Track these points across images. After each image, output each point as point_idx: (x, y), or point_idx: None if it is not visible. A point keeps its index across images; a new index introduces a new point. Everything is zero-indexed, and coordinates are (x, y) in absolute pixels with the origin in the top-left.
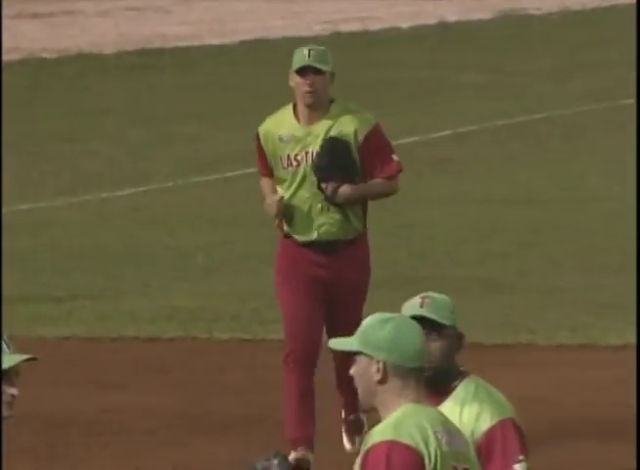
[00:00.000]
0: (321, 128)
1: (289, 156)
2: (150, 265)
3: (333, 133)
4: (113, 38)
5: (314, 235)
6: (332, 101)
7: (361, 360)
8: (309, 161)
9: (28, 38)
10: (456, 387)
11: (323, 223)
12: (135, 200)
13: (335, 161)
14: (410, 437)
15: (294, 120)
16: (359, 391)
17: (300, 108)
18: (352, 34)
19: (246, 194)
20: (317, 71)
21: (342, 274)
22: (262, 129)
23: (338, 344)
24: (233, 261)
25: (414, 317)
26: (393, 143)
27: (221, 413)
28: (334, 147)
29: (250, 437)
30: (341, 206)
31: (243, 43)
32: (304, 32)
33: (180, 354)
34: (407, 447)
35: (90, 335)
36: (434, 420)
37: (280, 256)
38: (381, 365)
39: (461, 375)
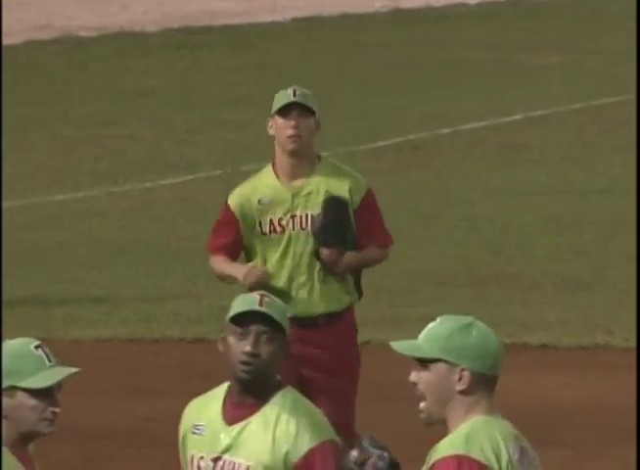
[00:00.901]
0: (309, 188)
1: (271, 220)
2: (197, 261)
3: (323, 192)
4: (155, 15)
5: (294, 309)
6: (318, 158)
7: (438, 368)
8: (297, 226)
9: (63, 15)
10: (273, 396)
11: (305, 296)
12: (181, 189)
13: (337, 223)
14: (482, 452)
15: (274, 180)
16: (429, 401)
17: (282, 162)
18: (415, 11)
19: None
20: (303, 113)
21: (322, 351)
22: (235, 198)
23: (407, 348)
24: None
25: (252, 314)
26: (460, 128)
27: None
28: (337, 207)
29: None
30: (338, 274)
31: (296, 21)
32: (364, 9)
33: None
34: (478, 463)
35: (131, 337)
36: (506, 434)
37: None
38: (465, 374)
39: (280, 385)
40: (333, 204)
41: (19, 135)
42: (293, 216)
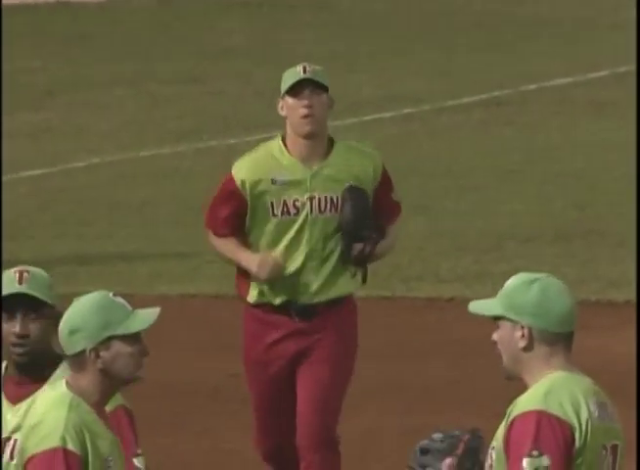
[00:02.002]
0: (329, 170)
1: (285, 202)
2: None
3: (345, 174)
4: None
5: (298, 297)
6: (331, 139)
7: (504, 326)
8: (315, 209)
9: None
10: (54, 371)
11: (312, 283)
12: None
13: (363, 215)
14: (561, 408)
15: (290, 158)
16: (504, 358)
17: (294, 142)
18: None
19: (384, 140)
20: (316, 90)
21: (320, 341)
22: (242, 172)
23: (478, 307)
24: None
25: (13, 295)
26: (546, 84)
27: (357, 379)
28: (359, 198)
29: (388, 405)
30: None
31: None
32: None
33: None
34: (557, 419)
35: (217, 293)
36: (586, 390)
37: (248, 342)
38: (526, 331)
39: (60, 359)
40: (355, 195)
41: (104, 92)
42: (311, 198)
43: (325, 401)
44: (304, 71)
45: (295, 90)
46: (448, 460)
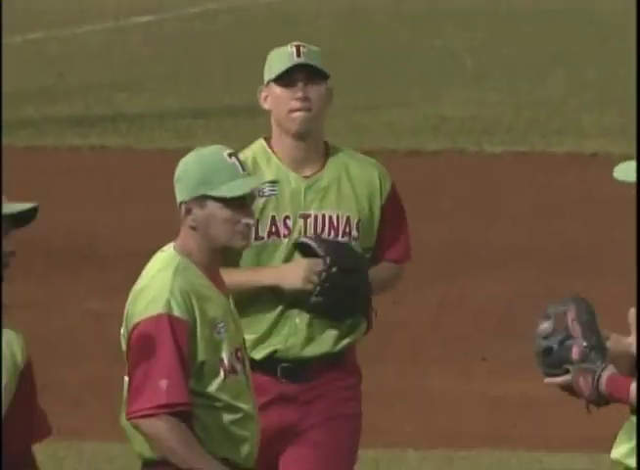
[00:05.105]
0: (327, 180)
1: (274, 219)
2: (413, 70)
3: (347, 185)
4: None
5: (285, 350)
6: (325, 144)
7: None
8: (309, 229)
9: None
10: None
11: (300, 329)
12: None
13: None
14: None
15: (279, 164)
16: None
17: (284, 146)
18: None
19: None
20: (312, 78)
21: (313, 413)
22: None
23: (623, 173)
24: (508, 65)
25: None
26: None
27: (493, 242)
28: (340, 254)
29: (525, 270)
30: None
31: None
32: None
33: (446, 171)
34: None
35: None
36: None
37: None
38: None
39: None
40: (332, 249)
41: None
42: (305, 217)
43: None
44: (298, 54)
45: (285, 78)
46: (574, 349)
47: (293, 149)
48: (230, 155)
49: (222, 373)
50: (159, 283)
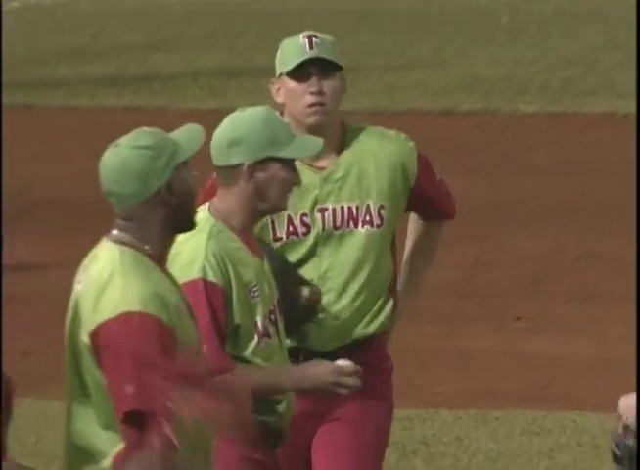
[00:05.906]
0: (343, 170)
1: (290, 218)
2: (445, 28)
3: (364, 171)
4: None
5: (307, 342)
6: (342, 124)
7: None
8: (327, 224)
9: None
10: None
11: (329, 321)
12: None
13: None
14: None
15: None
16: None
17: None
18: None
19: None
20: (326, 71)
21: (340, 406)
22: None
23: None
24: (544, 22)
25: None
26: None
27: (527, 200)
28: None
29: (565, 227)
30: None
31: None
32: None
33: (479, 131)
34: None
35: (375, 108)
36: None
37: None
38: None
39: None
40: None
41: None
42: (322, 210)
43: None
44: (311, 46)
45: (298, 72)
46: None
47: None
48: (282, 112)
49: (256, 337)
50: (192, 247)
